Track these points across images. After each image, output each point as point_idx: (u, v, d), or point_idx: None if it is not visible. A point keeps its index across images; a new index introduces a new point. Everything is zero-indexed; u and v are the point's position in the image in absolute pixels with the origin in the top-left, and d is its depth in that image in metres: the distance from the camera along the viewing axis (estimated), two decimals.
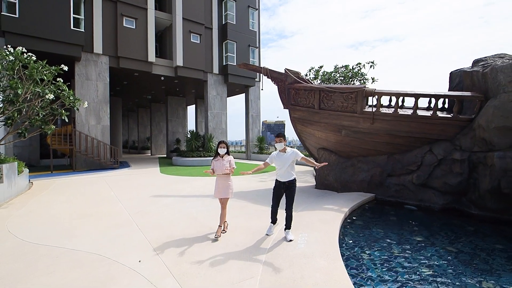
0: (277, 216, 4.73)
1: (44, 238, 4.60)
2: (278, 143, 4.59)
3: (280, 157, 4.55)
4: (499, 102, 5.68)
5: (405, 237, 5.06)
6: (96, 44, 15.50)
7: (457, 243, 4.83)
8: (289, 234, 4.39)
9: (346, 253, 4.28)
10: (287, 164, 4.47)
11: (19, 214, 6.13)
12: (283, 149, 4.57)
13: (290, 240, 4.28)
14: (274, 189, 4.69)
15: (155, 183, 10.77)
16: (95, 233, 4.85)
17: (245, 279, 3.15)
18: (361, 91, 7.39)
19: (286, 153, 4.53)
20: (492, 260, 4.15)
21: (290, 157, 4.48)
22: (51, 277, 3.27)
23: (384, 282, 3.48)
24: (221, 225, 4.67)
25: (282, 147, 4.57)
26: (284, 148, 4.57)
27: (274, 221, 4.74)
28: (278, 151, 4.62)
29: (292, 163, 4.54)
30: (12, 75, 7.56)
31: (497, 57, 7.13)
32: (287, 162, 4.47)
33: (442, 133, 6.81)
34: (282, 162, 4.51)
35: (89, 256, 3.87)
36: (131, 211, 6.37)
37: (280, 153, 4.58)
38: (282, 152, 4.57)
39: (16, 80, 7.35)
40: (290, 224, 4.50)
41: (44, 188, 9.46)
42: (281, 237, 4.45)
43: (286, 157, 4.50)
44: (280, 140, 4.58)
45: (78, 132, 14.80)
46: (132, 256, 3.84)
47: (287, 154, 4.52)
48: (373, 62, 13.82)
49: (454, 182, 6.44)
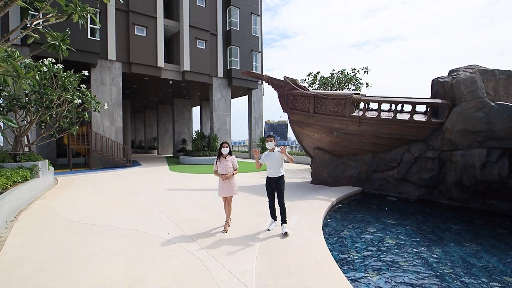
0: (276, 213, 5.05)
1: (89, 220, 5.77)
2: (269, 143, 4.97)
3: (269, 156, 4.95)
4: (461, 109, 6.78)
5: (381, 220, 6.17)
6: (110, 51, 16.73)
7: (422, 224, 5.93)
8: (285, 228, 4.68)
9: (329, 229, 5.41)
10: (276, 162, 4.86)
11: (58, 204, 7.31)
12: (272, 149, 4.96)
13: (285, 233, 4.57)
14: (266, 185, 5.06)
15: (167, 179, 11.94)
16: (127, 216, 6.01)
17: (249, 244, 4.29)
18: (349, 98, 8.50)
19: (274, 152, 4.94)
20: (444, 235, 5.26)
21: (278, 156, 4.89)
22: (106, 244, 4.41)
23: (355, 247, 4.60)
24: (227, 221, 5.02)
25: (272, 147, 4.95)
26: (273, 148, 4.97)
27: (274, 217, 5.06)
28: (268, 151, 5.04)
29: (280, 161, 4.89)
30: (46, 84, 8.76)
31: (468, 68, 8.18)
32: (275, 160, 4.87)
33: (418, 134, 7.89)
34: (271, 161, 4.90)
35: (130, 231, 5.02)
36: (151, 200, 7.53)
37: (270, 152, 4.99)
38: (271, 151, 4.98)
39: (51, 88, 8.55)
40: (285, 217, 4.80)
41: (69, 184, 10.65)
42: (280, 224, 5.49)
43: (274, 156, 4.91)
44: (271, 140, 4.96)
45: (94, 133, 16.03)
46: (162, 231, 4.99)
47: (275, 153, 4.93)
48: (366, 68, 14.90)
49: (427, 176, 7.53)
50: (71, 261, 3.73)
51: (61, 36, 3.13)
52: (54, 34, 3.09)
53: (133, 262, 3.67)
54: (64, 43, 3.11)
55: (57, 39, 3.07)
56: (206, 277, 3.25)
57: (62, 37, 3.13)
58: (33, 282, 3.15)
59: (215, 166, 5.04)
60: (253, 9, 24.10)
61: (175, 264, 3.59)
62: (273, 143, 4.98)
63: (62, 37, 3.13)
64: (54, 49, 3.08)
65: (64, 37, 3.15)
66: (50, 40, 3.06)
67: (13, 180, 7.09)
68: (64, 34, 3.17)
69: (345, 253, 4.46)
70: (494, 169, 6.25)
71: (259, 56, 24.54)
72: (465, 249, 4.62)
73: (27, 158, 8.97)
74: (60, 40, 3.08)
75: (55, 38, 3.06)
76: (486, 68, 8.11)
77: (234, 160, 5.06)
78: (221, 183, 4.96)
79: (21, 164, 8.48)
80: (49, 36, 3.08)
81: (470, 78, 6.75)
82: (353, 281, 3.53)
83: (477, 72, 7.35)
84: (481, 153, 6.43)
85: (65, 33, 3.19)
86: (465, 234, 5.31)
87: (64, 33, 3.19)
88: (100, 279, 3.23)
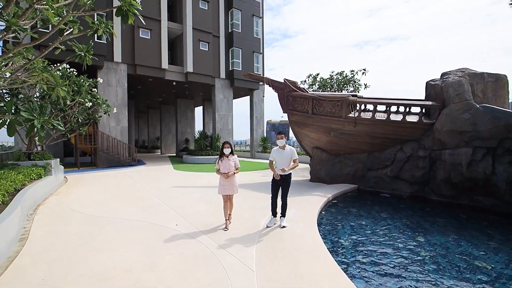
0: (277, 210, 5.17)
1: (101, 213, 6.25)
2: (279, 140, 5.03)
3: (280, 153, 5.02)
4: (449, 111, 7.21)
5: (373, 214, 6.62)
6: (116, 54, 17.24)
7: (411, 218, 6.37)
8: (284, 222, 4.93)
9: (324, 221, 5.88)
10: (285, 160, 4.97)
11: (71, 199, 7.80)
12: (283, 146, 5.03)
13: (283, 226, 4.83)
14: (272, 181, 5.13)
15: (172, 177, 12.43)
16: (137, 210, 6.49)
17: (251, 233, 4.75)
18: (345, 100, 8.94)
19: (285, 150, 5.01)
20: (430, 227, 5.71)
21: (288, 154, 5.00)
22: (120, 233, 4.89)
23: (346, 236, 5.06)
24: (227, 219, 5.15)
25: (283, 144, 5.02)
26: (284, 145, 5.05)
27: (274, 213, 5.19)
28: (278, 147, 5.08)
29: (289, 159, 5.03)
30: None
31: (459, 71, 8.59)
32: (285, 158, 4.98)
33: (410, 134, 8.32)
34: (281, 158, 5.00)
35: (140, 222, 5.50)
36: (159, 196, 8.01)
37: (280, 149, 5.04)
38: (281, 148, 5.03)
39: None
40: (285, 212, 5.05)
41: (78, 181, 11.15)
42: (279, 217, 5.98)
43: (285, 153, 5.01)
44: (282, 137, 5.01)
45: (101, 133, 16.55)
46: (171, 222, 5.46)
47: (286, 151, 5.00)
48: (365, 69, 15.32)
49: (419, 174, 7.96)
50: (91, 247, 4.21)
51: (86, 48, 3.60)
52: (80, 46, 3.56)
53: (147, 248, 4.15)
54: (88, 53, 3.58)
55: (82, 50, 3.53)
56: (213, 260, 3.71)
57: (86, 48, 3.60)
58: (62, 265, 3.62)
59: (217, 165, 5.12)
60: (255, 11, 24.56)
61: (184, 249, 4.06)
62: (284, 140, 5.03)
63: (86, 49, 3.59)
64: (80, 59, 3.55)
65: (89, 48, 3.62)
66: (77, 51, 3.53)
67: (29, 177, 7.59)
68: (88, 46, 3.65)
69: (337, 241, 4.92)
70: (479, 167, 6.68)
71: (260, 57, 24.99)
72: (446, 238, 5.07)
73: (41, 156, 9.48)
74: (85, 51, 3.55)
75: (81, 50, 3.53)
76: (476, 71, 8.53)
77: (236, 159, 5.15)
78: (222, 181, 5.04)
79: (35, 163, 9.00)
80: (76, 48, 3.55)
81: (458, 81, 7.18)
82: (343, 263, 3.99)
83: (466, 76, 7.76)
84: (467, 152, 6.86)
85: (89, 45, 3.66)
86: (450, 227, 5.76)
87: (88, 45, 3.66)
88: (120, 260, 3.70)
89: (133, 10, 2.75)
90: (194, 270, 3.41)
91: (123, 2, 2.67)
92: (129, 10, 2.74)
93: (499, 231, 5.50)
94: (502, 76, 8.29)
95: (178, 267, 3.50)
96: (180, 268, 3.47)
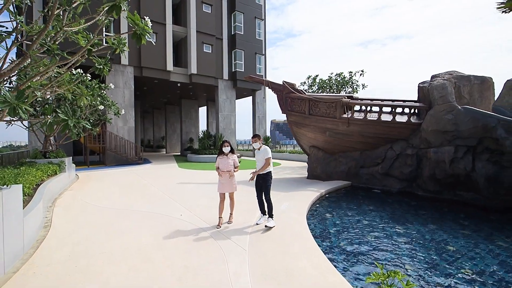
0: (265, 208, 5.27)
1: (113, 205, 6.92)
2: (254, 143, 5.30)
3: (257, 154, 5.31)
4: (434, 112, 7.74)
5: (362, 207, 7.18)
6: (123, 57, 17.97)
7: (397, 211, 6.93)
8: (270, 222, 4.97)
9: (315, 213, 6.47)
10: (261, 159, 5.16)
11: (85, 194, 8.49)
12: (258, 148, 5.28)
13: (270, 226, 4.86)
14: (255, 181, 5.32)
15: (177, 175, 13.10)
16: (145, 203, 7.14)
17: (247, 223, 5.36)
18: (339, 101, 9.50)
19: (260, 150, 5.23)
20: (411, 218, 6.27)
21: (261, 154, 5.19)
22: (132, 222, 5.54)
23: (333, 225, 5.64)
24: (230, 216, 5.35)
25: (258, 146, 5.26)
26: (259, 146, 5.27)
27: (263, 211, 5.34)
28: (257, 149, 5.32)
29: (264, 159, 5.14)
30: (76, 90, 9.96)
31: (447, 74, 9.11)
32: (261, 157, 5.19)
33: (400, 134, 8.85)
34: (257, 158, 5.29)
35: (149, 213, 6.15)
36: (165, 192, 8.66)
37: (257, 151, 5.31)
38: (257, 150, 5.31)
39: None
40: (272, 212, 5.09)
41: (89, 178, 11.87)
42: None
43: (260, 153, 5.23)
44: (255, 141, 5.27)
45: (109, 133, 17.32)
46: (176, 213, 6.10)
47: (261, 151, 5.23)
48: (362, 71, 15.82)
49: (407, 171, 8.50)
50: (108, 233, 4.86)
51: (104, 61, 4.23)
52: (99, 60, 4.19)
53: (155, 233, 4.78)
54: (106, 66, 4.21)
55: (101, 63, 4.16)
56: (212, 242, 4.33)
57: (105, 61, 4.23)
58: (85, 246, 4.28)
59: (217, 163, 5.31)
60: (257, 14, 25.15)
61: (187, 234, 4.70)
62: (258, 143, 5.27)
63: (105, 62, 4.23)
64: (100, 71, 4.18)
65: (106, 61, 4.25)
66: (97, 64, 4.15)
67: (47, 173, 8.30)
68: (105, 59, 4.28)
69: (324, 229, 5.52)
70: (461, 164, 7.21)
71: (262, 59, 25.58)
72: (424, 228, 5.63)
73: (55, 155, 10.21)
74: (103, 64, 4.18)
75: (100, 63, 4.16)
76: (463, 74, 9.03)
77: (235, 158, 5.29)
78: (221, 179, 5.19)
79: (50, 160, 9.71)
80: (96, 62, 4.17)
81: (442, 84, 7.71)
82: (329, 247, 4.58)
83: (452, 79, 8.29)
84: (450, 150, 7.38)
85: (106, 59, 4.29)
86: (430, 218, 6.31)
87: (105, 59, 4.29)
88: (134, 242, 4.35)
89: (146, 34, 3.35)
90: (196, 249, 4.04)
91: (138, 27, 3.26)
92: (142, 34, 3.32)
93: (474, 221, 6.04)
94: (487, 79, 8.78)
95: (182, 247, 4.12)
96: (184, 248, 4.10)
